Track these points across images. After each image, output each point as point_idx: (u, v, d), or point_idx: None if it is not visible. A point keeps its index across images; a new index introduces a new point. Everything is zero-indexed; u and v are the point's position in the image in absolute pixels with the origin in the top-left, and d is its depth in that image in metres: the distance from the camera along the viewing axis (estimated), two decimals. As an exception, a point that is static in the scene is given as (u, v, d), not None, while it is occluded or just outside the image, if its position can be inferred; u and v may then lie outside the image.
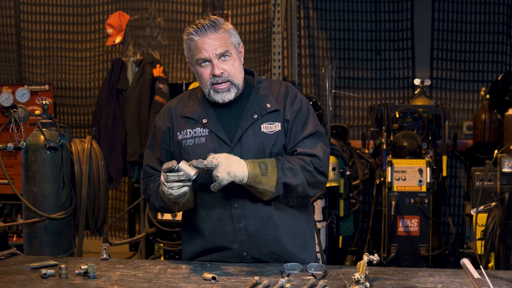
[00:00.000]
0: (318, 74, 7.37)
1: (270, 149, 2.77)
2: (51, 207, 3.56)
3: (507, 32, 7.17)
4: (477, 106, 7.13)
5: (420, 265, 5.79)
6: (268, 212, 2.76)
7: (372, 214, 6.49)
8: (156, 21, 7.16)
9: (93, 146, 3.81)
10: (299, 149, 2.77)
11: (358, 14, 7.35)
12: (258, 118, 2.78)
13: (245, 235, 2.75)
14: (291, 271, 2.57)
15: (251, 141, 2.75)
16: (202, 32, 2.73)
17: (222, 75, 2.74)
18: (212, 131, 2.77)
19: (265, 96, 2.83)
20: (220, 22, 2.76)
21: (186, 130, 2.81)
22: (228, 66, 2.75)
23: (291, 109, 2.81)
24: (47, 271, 2.54)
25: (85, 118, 7.64)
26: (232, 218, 2.76)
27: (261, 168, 2.65)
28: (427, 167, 5.90)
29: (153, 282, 2.47)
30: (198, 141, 2.78)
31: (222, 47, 2.73)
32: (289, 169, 2.69)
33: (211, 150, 2.74)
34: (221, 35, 2.74)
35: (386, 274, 2.54)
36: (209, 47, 2.73)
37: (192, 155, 2.76)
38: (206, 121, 2.79)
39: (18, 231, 6.39)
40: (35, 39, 7.70)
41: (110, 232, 7.54)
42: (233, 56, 2.76)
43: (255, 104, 2.81)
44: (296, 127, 2.80)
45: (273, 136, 2.78)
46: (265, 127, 2.78)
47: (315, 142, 2.80)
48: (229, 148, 2.74)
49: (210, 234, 2.79)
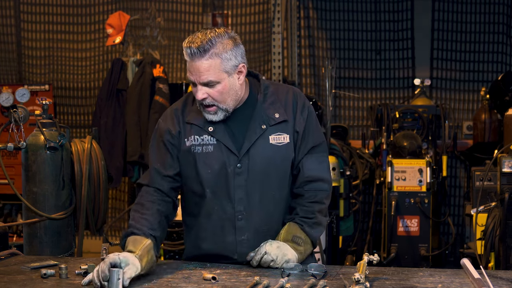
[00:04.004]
0: (318, 74, 7.37)
1: (278, 162, 2.74)
2: (51, 207, 3.56)
3: (507, 32, 7.17)
4: (477, 106, 7.13)
5: (420, 265, 5.79)
6: (270, 226, 2.76)
7: (372, 214, 6.49)
8: (156, 21, 7.16)
9: (93, 146, 3.81)
10: (307, 173, 2.76)
11: (358, 14, 7.35)
12: (267, 128, 2.73)
13: (246, 248, 2.73)
14: (291, 271, 2.57)
15: (259, 153, 2.72)
16: (190, 55, 2.60)
17: (204, 100, 2.65)
18: (219, 141, 2.71)
19: (273, 104, 2.76)
20: (211, 45, 2.57)
21: (194, 136, 2.74)
22: (214, 91, 2.63)
23: (300, 119, 2.76)
24: (47, 271, 2.54)
25: (85, 118, 7.64)
26: (235, 230, 2.73)
27: (298, 243, 2.70)
28: (427, 167, 5.90)
29: (153, 282, 2.46)
30: (206, 149, 2.72)
31: (206, 75, 2.59)
32: (313, 224, 2.74)
33: (219, 160, 2.70)
34: (209, 62, 2.58)
35: (386, 274, 2.54)
36: (194, 72, 2.61)
37: (200, 163, 2.71)
38: (213, 129, 2.72)
39: (18, 231, 6.39)
40: (35, 39, 7.69)
41: (110, 232, 7.53)
42: (222, 82, 2.62)
43: (262, 113, 2.74)
44: (305, 138, 2.77)
45: (282, 148, 2.75)
46: (273, 138, 2.74)
47: (321, 159, 2.80)
48: (237, 158, 2.70)
49: (211, 242, 2.77)
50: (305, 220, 2.73)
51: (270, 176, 2.73)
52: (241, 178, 2.70)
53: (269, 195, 2.74)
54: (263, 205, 2.74)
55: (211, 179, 2.72)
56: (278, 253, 2.61)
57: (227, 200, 2.71)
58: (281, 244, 2.64)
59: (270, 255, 2.61)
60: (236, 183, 2.70)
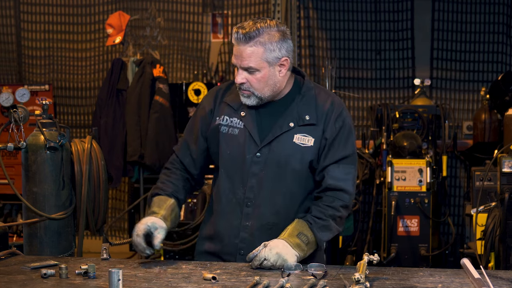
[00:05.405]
0: (318, 74, 7.37)
1: (296, 161, 2.77)
2: (51, 207, 3.56)
3: (507, 32, 7.17)
4: (477, 106, 7.13)
5: (420, 265, 5.79)
6: (275, 221, 2.79)
7: (372, 214, 6.49)
8: (156, 21, 7.16)
9: (93, 146, 3.80)
10: (330, 181, 2.77)
11: (358, 14, 7.35)
12: (294, 127, 2.77)
13: (248, 234, 2.80)
14: (291, 271, 2.57)
15: (280, 148, 2.77)
16: (237, 39, 2.71)
17: (242, 85, 2.75)
18: (246, 127, 2.79)
19: (308, 106, 2.80)
20: (257, 33, 2.68)
21: (224, 116, 2.84)
22: (252, 78, 2.73)
23: (332, 127, 2.78)
24: (47, 271, 2.54)
25: (85, 118, 7.64)
26: (242, 214, 2.80)
27: (303, 240, 2.69)
28: (427, 167, 5.90)
29: (153, 282, 2.46)
30: (232, 131, 2.82)
31: (247, 61, 2.70)
32: (323, 227, 2.73)
33: (241, 144, 2.78)
34: (252, 49, 2.69)
35: (386, 274, 2.54)
36: (237, 56, 2.72)
37: (222, 142, 2.82)
38: (244, 115, 2.81)
39: (18, 231, 6.39)
40: (35, 39, 7.70)
41: (110, 232, 7.53)
42: (262, 71, 2.71)
43: (295, 112, 2.79)
44: (334, 147, 2.78)
45: (304, 150, 2.78)
46: (298, 138, 2.78)
47: (348, 170, 2.80)
48: (257, 148, 2.77)
49: (219, 222, 2.86)
50: (316, 220, 2.74)
51: (286, 173, 2.78)
52: (257, 167, 2.78)
53: (280, 191, 2.79)
54: (272, 198, 2.79)
55: (228, 161, 2.82)
56: (277, 259, 2.62)
57: (239, 185, 2.80)
58: (280, 249, 2.63)
59: (269, 261, 2.62)
60: (251, 171, 2.78)
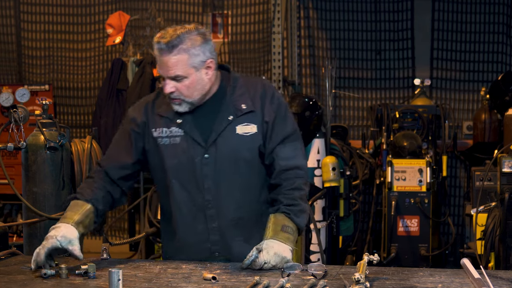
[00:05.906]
0: (318, 74, 7.37)
1: (245, 152, 2.78)
2: (51, 207, 3.56)
3: (507, 32, 7.17)
4: (477, 106, 7.13)
5: (420, 265, 5.78)
6: (240, 215, 2.80)
7: (372, 214, 6.49)
8: (156, 21, 7.16)
9: (93, 146, 3.80)
10: (281, 162, 2.77)
11: (358, 14, 7.35)
12: (233, 119, 2.77)
13: (218, 235, 2.79)
14: (291, 271, 2.56)
15: (226, 143, 2.76)
16: (159, 50, 2.68)
17: (171, 94, 2.73)
18: (187, 132, 2.77)
19: (241, 96, 2.80)
20: (179, 41, 2.65)
21: (162, 128, 2.81)
22: (181, 85, 2.71)
23: (269, 110, 2.79)
24: (47, 271, 2.54)
25: (85, 118, 7.64)
26: (206, 218, 2.78)
27: (289, 232, 2.68)
28: (427, 167, 5.90)
29: (153, 282, 2.46)
30: (174, 141, 2.78)
31: (174, 70, 2.67)
32: (298, 212, 2.73)
33: (185, 151, 2.76)
34: (177, 57, 2.66)
35: (386, 274, 2.54)
36: (163, 66, 2.69)
37: (167, 154, 2.78)
38: (181, 121, 2.78)
39: (18, 231, 6.38)
40: (35, 39, 7.70)
41: (110, 232, 7.53)
42: (190, 77, 2.69)
43: (230, 105, 2.79)
44: (275, 128, 2.79)
45: (249, 138, 2.78)
46: (240, 128, 2.77)
47: (294, 147, 2.81)
48: (204, 149, 2.75)
49: (184, 232, 2.82)
50: (290, 208, 2.73)
51: (238, 166, 2.78)
52: (209, 168, 2.76)
53: (237, 184, 2.79)
54: (232, 194, 2.78)
55: (178, 170, 2.78)
56: (277, 259, 2.62)
57: (195, 190, 2.77)
58: (276, 248, 2.63)
59: (269, 263, 2.61)
60: (203, 173, 2.76)
